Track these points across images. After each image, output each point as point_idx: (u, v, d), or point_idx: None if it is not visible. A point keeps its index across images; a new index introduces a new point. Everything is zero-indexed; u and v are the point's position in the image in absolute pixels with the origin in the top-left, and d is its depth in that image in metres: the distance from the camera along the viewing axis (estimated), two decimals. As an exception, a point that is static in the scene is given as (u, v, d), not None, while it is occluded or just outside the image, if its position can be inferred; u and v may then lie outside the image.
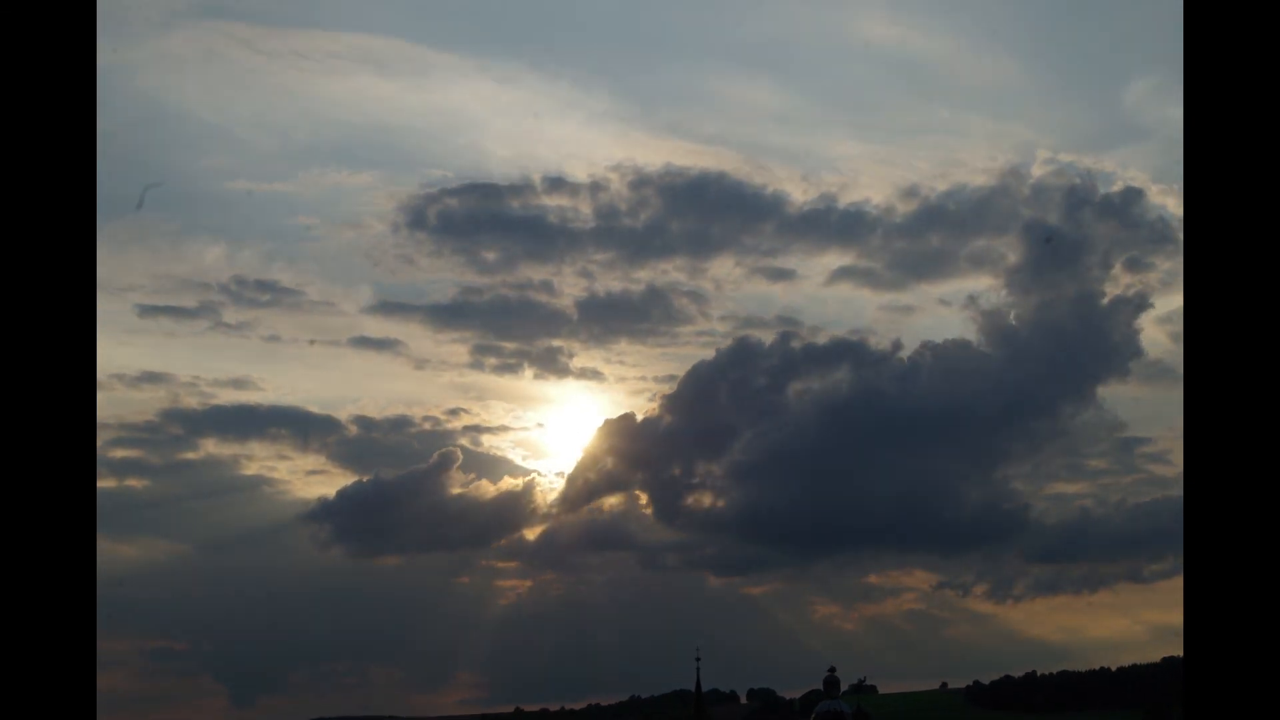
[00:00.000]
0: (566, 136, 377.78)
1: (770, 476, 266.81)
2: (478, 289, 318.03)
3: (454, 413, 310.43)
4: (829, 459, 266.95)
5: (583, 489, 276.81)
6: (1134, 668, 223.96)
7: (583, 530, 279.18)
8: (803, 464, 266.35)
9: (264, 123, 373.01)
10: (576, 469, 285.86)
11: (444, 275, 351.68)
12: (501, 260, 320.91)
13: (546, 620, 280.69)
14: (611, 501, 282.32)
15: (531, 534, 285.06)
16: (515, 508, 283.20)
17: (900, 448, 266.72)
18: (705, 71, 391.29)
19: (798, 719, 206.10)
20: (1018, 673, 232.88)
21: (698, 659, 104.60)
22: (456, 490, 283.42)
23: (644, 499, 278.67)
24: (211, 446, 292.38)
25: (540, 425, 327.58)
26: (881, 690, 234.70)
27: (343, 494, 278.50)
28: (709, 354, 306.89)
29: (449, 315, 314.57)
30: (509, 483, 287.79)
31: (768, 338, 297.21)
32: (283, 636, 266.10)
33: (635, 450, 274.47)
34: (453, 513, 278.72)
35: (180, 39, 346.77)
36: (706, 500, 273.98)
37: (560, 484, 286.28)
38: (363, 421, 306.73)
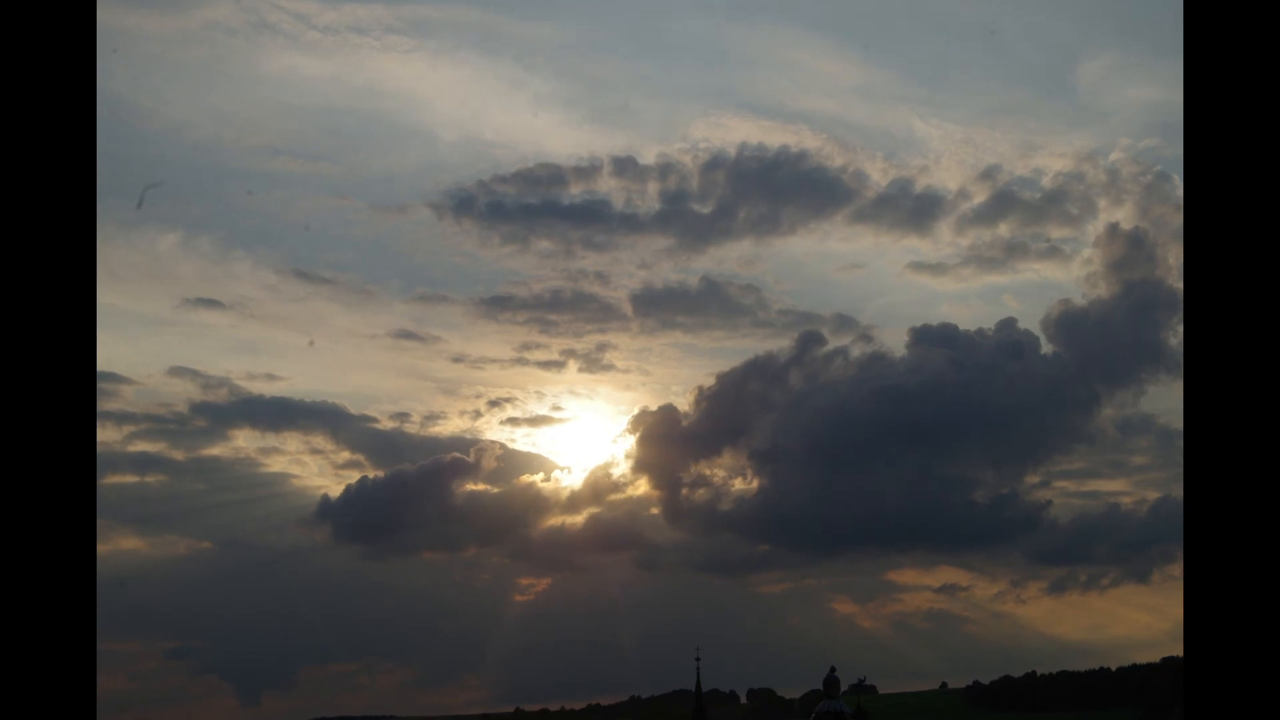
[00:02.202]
0: (641, 113, 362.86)
1: (792, 474, 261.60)
2: (526, 280, 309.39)
3: (496, 404, 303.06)
4: (859, 456, 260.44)
5: (595, 488, 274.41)
6: (1134, 667, 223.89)
7: (591, 529, 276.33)
8: (829, 462, 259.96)
9: (307, 101, 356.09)
10: (598, 467, 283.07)
11: (493, 265, 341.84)
12: (555, 249, 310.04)
13: (550, 620, 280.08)
14: (623, 500, 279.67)
15: (543, 532, 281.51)
16: (533, 506, 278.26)
17: (941, 444, 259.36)
18: (792, 44, 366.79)
19: (798, 719, 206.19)
20: (1019, 672, 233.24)
21: (697, 659, 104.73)
22: (478, 486, 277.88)
23: (657, 497, 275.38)
24: (240, 440, 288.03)
25: (576, 419, 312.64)
26: (881, 690, 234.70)
27: (362, 491, 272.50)
28: (761, 350, 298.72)
29: (495, 307, 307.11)
30: (531, 480, 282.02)
31: (823, 331, 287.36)
32: (290, 635, 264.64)
33: (657, 449, 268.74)
34: (467, 511, 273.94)
35: (230, 9, 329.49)
36: (717, 499, 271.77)
37: (580, 482, 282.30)
38: (397, 416, 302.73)
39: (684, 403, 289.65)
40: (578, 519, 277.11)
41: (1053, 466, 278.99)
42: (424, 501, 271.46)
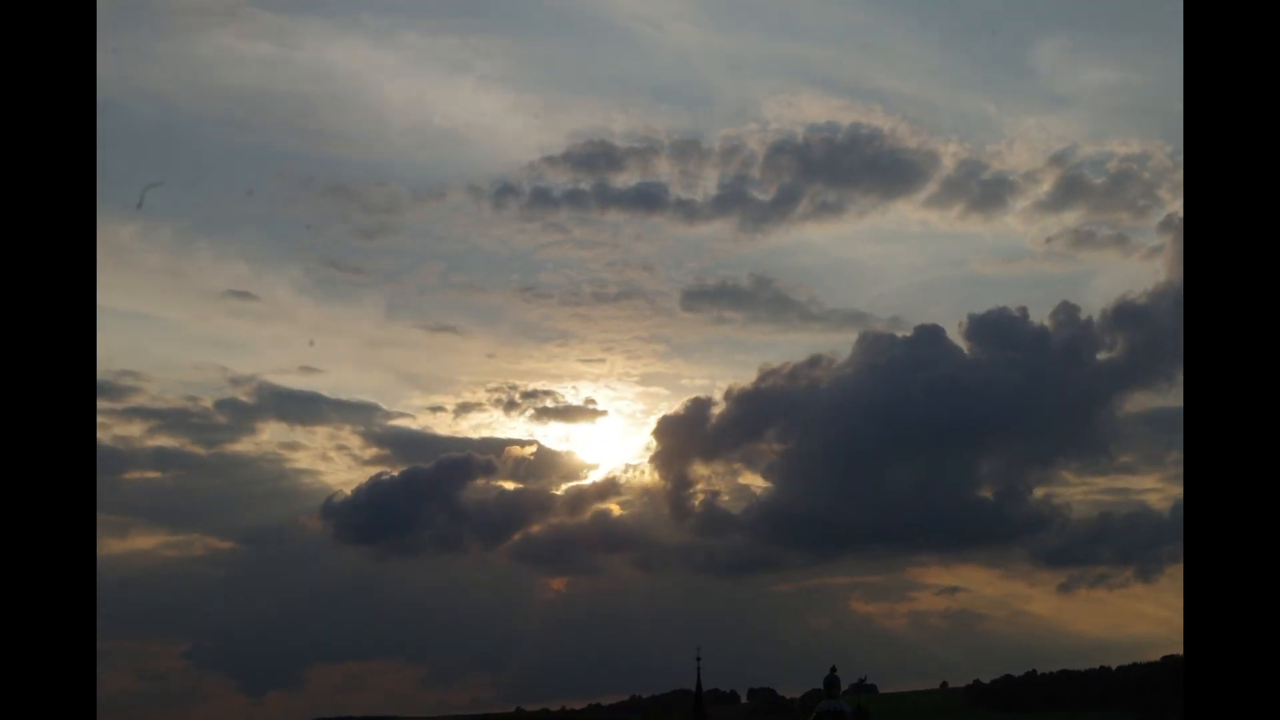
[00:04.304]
0: (708, 89, 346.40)
1: (811, 472, 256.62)
2: (569, 268, 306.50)
3: (532, 395, 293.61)
4: (891, 453, 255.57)
5: (611, 487, 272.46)
6: (1134, 666, 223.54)
7: (602, 528, 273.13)
8: (856, 459, 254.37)
9: (336, 89, 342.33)
10: (618, 466, 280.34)
11: (535, 254, 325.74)
12: (603, 237, 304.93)
13: (551, 619, 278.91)
14: (636, 499, 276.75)
15: (551, 531, 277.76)
16: (545, 504, 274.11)
17: (981, 438, 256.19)
18: (866, 23, 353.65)
19: (798, 719, 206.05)
20: (1020, 672, 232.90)
21: (698, 659, 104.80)
22: (492, 484, 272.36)
23: (670, 497, 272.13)
24: (266, 435, 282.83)
25: (610, 415, 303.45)
26: (881, 690, 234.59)
27: (375, 489, 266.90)
28: (808, 344, 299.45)
29: (537, 298, 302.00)
30: (549, 479, 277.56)
31: (875, 327, 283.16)
32: (297, 634, 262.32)
33: (677, 448, 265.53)
34: (477, 510, 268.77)
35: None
36: (729, 498, 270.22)
37: (596, 480, 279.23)
38: (430, 410, 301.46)
39: (718, 400, 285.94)
40: (588, 518, 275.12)
41: (1094, 462, 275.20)
42: (436, 500, 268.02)
